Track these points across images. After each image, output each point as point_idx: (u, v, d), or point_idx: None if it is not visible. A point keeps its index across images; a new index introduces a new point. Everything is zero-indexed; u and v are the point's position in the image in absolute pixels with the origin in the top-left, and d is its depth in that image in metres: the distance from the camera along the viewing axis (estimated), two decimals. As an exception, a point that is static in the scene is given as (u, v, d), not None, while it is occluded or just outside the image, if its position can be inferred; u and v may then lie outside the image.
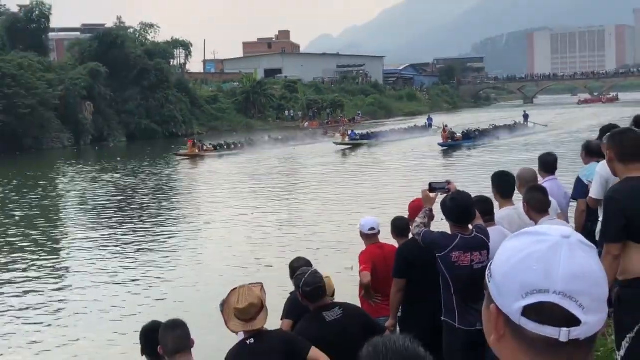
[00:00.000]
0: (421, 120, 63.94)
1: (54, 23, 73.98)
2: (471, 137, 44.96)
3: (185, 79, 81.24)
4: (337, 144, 47.44)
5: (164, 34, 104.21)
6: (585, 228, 6.12)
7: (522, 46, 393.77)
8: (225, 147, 46.70)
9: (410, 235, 5.59)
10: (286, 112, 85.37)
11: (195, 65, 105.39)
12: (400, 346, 1.68)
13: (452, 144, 42.43)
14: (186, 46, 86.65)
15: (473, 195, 5.30)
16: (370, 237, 6.38)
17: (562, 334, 1.17)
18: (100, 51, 67.35)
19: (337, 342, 4.41)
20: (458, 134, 44.47)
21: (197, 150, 43.70)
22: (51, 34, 76.44)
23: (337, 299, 4.75)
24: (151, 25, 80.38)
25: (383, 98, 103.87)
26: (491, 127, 50.05)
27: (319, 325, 4.51)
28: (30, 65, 58.79)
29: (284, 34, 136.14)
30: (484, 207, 5.48)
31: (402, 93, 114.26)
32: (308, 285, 4.53)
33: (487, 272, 1.33)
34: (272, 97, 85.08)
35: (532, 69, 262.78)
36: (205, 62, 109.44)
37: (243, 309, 4.15)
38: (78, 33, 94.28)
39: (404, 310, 5.63)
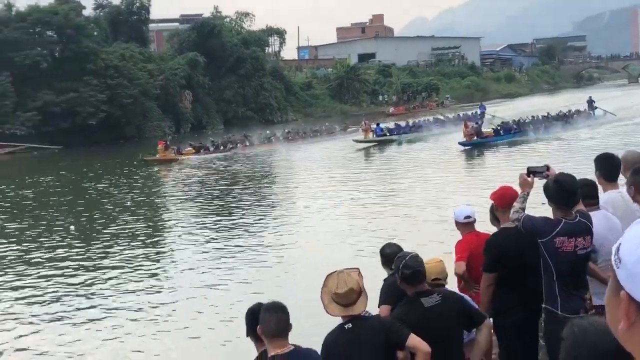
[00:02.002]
0: (489, 109, 54.35)
1: (154, 14, 76.23)
2: (507, 131, 36.65)
3: (279, 66, 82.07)
4: (358, 141, 40.44)
5: (259, 22, 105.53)
6: None
7: (625, 23, 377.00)
8: (213, 148, 40.01)
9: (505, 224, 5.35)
10: (380, 97, 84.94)
11: (289, 52, 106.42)
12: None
13: (476, 142, 34.81)
14: (280, 34, 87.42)
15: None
16: (466, 225, 6.21)
17: None
18: (198, 41, 68.94)
19: (435, 328, 4.33)
20: (489, 129, 37.46)
21: (173, 154, 37.61)
22: (151, 25, 78.65)
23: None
24: (246, 14, 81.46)
25: (480, 80, 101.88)
26: (539, 117, 40.82)
27: (417, 310, 4.43)
28: (132, 56, 60.86)
29: (378, 18, 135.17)
30: (588, 191, 5.26)
31: (500, 74, 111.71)
32: (408, 268, 4.45)
33: (613, 258, 1.23)
34: (365, 82, 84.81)
35: (637, 47, 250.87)
36: (299, 48, 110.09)
37: (343, 293, 4.12)
38: (177, 24, 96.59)
39: (498, 298, 5.43)
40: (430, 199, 20.24)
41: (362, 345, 4.12)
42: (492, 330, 5.08)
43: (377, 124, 43.11)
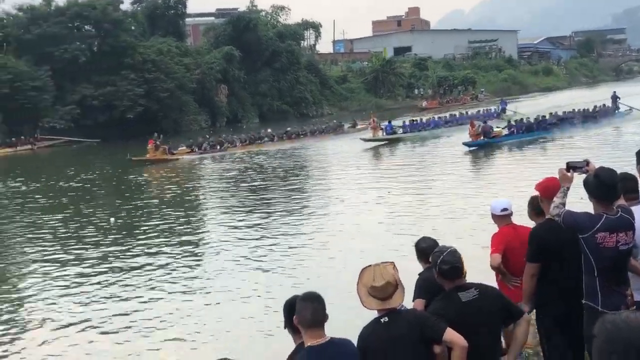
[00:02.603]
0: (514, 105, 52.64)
1: (190, 8, 76.70)
2: (522, 130, 34.01)
3: (315, 59, 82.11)
4: (366, 140, 37.67)
5: (294, 15, 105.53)
6: None
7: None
8: (209, 147, 37.96)
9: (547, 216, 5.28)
10: (415, 90, 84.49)
11: (324, 46, 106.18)
12: None
13: (482, 142, 32.23)
14: (316, 27, 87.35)
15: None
16: (502, 218, 6.15)
17: None
18: (234, 35, 69.25)
19: (472, 323, 4.29)
20: (499, 128, 34.67)
21: (164, 154, 35.66)
22: (187, 20, 79.27)
23: (472, 280, 4.58)
24: (282, 8, 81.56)
25: (517, 73, 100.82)
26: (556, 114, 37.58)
27: (454, 305, 4.38)
28: (169, 50, 61.44)
29: (414, 11, 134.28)
30: (629, 185, 5.18)
31: (538, 68, 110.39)
32: (446, 263, 4.42)
33: None
34: (401, 76, 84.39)
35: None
36: (334, 42, 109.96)
37: (380, 287, 4.12)
38: (213, 18, 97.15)
39: (540, 291, 5.35)
40: (461, 193, 20.09)
41: (397, 339, 4.10)
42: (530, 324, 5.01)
43: (389, 122, 40.96)
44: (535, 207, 5.76)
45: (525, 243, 5.48)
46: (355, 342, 4.13)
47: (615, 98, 43.90)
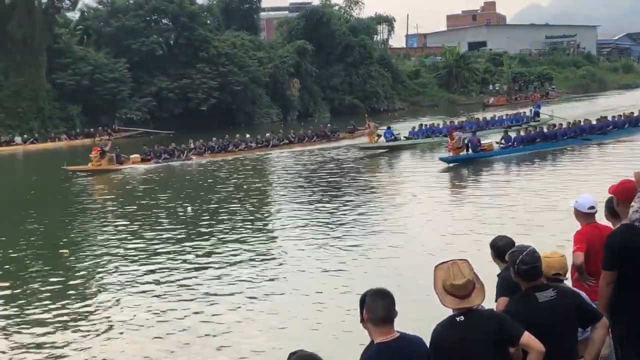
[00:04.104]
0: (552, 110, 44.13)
1: (264, 3, 77.45)
2: (524, 142, 28.74)
3: (387, 54, 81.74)
4: (363, 148, 33.80)
5: (368, 9, 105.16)
6: None
7: None
8: (168, 155, 32.71)
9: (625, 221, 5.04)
10: (490, 86, 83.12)
11: (397, 40, 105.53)
12: None
13: (462, 158, 27.01)
14: (389, 21, 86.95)
15: None
16: (588, 216, 5.92)
17: None
18: (307, 29, 69.47)
19: (549, 324, 4.20)
20: (490, 141, 29.19)
21: (112, 163, 30.77)
22: (262, 14, 79.98)
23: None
24: (356, 2, 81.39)
25: (596, 70, 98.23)
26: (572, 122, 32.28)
27: (531, 305, 4.30)
28: (243, 44, 62.21)
29: (490, 5, 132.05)
30: None
31: (618, 64, 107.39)
32: (525, 263, 4.33)
33: None
34: (475, 71, 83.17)
35: None
36: (407, 36, 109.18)
37: (460, 285, 4.05)
38: (286, 12, 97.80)
39: (615, 299, 5.13)
40: (536, 191, 19.62)
41: (472, 339, 4.01)
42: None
43: (388, 127, 36.11)
44: (611, 209, 5.55)
45: None
46: (425, 339, 4.04)
47: None
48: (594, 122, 31.98)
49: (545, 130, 30.72)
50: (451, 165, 26.62)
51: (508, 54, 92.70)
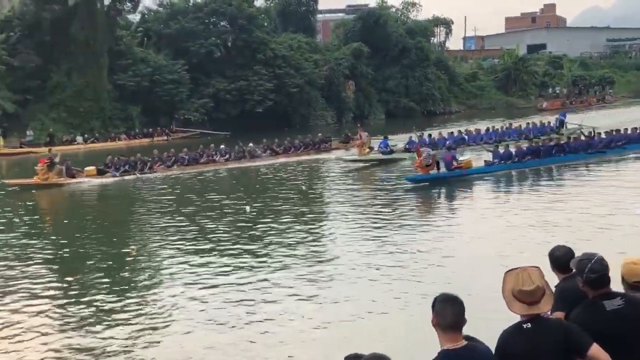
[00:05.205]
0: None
1: (321, 5, 77.62)
2: (511, 157, 25.93)
3: (444, 56, 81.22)
4: (349, 161, 31.42)
5: (425, 11, 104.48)
6: None
7: None
8: (129, 167, 29.63)
9: None
10: (549, 89, 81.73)
11: (455, 42, 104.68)
12: None
13: (431, 177, 23.56)
14: (447, 23, 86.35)
15: None
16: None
17: None
18: (363, 31, 69.40)
19: (618, 334, 4.11)
20: (467, 158, 26.10)
21: (62, 176, 27.82)
22: (318, 16, 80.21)
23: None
24: (413, 4, 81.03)
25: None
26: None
27: (599, 314, 4.21)
28: (299, 46, 62.56)
29: (550, 8, 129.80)
30: None
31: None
32: (594, 272, 4.26)
33: None
34: (534, 74, 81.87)
35: None
36: (465, 39, 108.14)
37: (530, 291, 4.01)
38: (342, 14, 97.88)
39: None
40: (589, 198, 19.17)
41: (539, 348, 3.95)
42: None
43: (385, 137, 33.16)
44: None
45: None
46: (492, 348, 4.00)
47: None
48: (603, 135, 29.43)
49: (551, 144, 27.75)
50: (417, 184, 23.37)
51: (568, 56, 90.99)
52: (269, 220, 18.55)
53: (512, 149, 27.35)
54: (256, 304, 11.32)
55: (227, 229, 17.65)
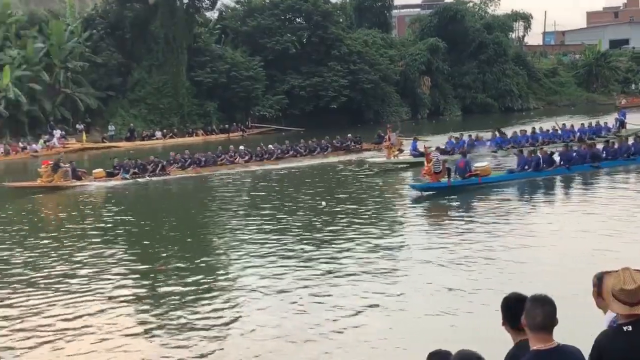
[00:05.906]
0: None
1: (397, 0, 77.14)
2: (533, 165, 23.35)
3: (523, 51, 79.46)
4: (376, 164, 29.75)
5: (504, 5, 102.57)
6: None
7: None
8: (139, 170, 28.61)
9: None
10: (632, 86, 78.93)
11: (534, 37, 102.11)
12: None
13: (439, 185, 21.50)
14: (526, 18, 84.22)
15: None
16: None
17: None
18: (440, 26, 68.58)
19: None
20: (485, 163, 23.56)
21: (67, 179, 26.89)
22: (394, 11, 79.75)
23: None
24: (491, -1, 79.42)
25: None
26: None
27: None
28: (374, 42, 62.43)
29: (633, 2, 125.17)
30: None
31: None
32: None
33: None
34: (617, 70, 79.21)
35: None
36: (544, 34, 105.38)
37: (631, 290, 3.85)
38: (419, 9, 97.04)
39: None
40: None
41: None
42: None
43: (414, 139, 31.10)
44: None
45: None
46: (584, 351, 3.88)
47: None
48: None
49: (584, 149, 25.32)
50: (425, 193, 21.48)
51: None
52: (345, 221, 18.57)
53: (557, 154, 24.76)
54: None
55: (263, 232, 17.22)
